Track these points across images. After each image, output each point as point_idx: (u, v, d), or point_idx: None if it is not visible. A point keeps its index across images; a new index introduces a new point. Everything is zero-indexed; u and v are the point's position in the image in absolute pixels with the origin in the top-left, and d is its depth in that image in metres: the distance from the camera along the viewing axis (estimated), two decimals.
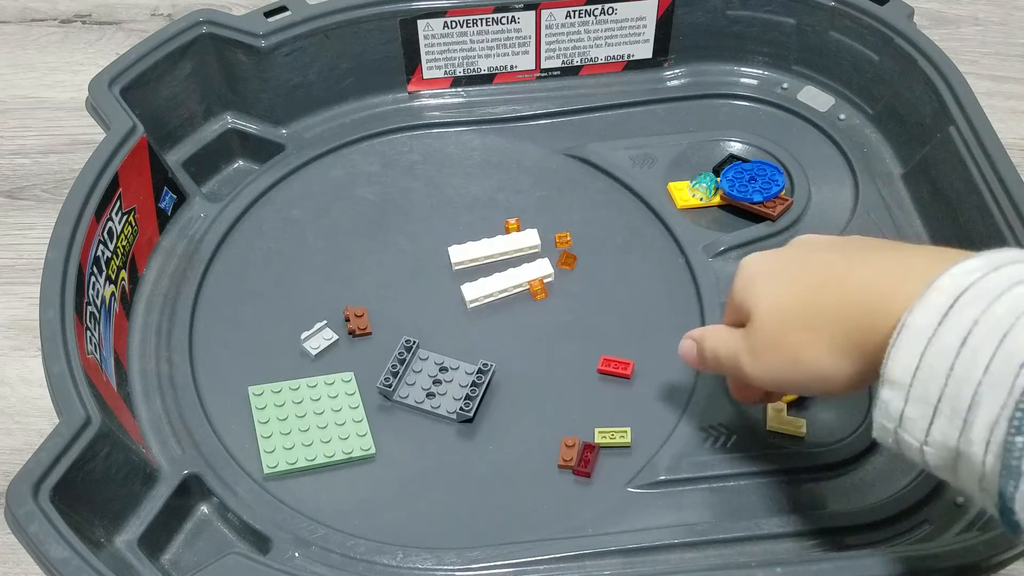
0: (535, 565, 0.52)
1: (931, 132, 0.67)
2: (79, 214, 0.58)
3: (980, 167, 0.62)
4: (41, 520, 0.46)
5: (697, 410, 0.58)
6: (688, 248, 0.66)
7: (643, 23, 0.74)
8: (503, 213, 0.68)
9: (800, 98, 0.75)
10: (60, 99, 0.90)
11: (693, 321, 0.62)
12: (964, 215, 0.63)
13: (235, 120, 0.73)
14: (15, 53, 0.95)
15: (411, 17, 0.71)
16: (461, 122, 0.74)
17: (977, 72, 0.92)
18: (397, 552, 0.52)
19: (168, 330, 0.62)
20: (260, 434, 0.57)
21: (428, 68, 0.74)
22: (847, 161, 0.71)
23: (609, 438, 0.57)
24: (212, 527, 0.55)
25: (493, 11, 0.72)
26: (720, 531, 0.53)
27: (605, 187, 0.70)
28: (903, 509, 0.54)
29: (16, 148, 0.87)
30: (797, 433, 0.57)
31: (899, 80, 0.70)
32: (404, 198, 0.70)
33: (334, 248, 0.67)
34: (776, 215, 0.67)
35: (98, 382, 0.54)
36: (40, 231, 0.80)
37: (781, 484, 0.55)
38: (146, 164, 0.65)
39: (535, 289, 0.64)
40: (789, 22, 0.73)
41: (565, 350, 0.61)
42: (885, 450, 0.57)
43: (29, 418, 0.70)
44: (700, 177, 0.69)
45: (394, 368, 0.59)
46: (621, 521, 0.54)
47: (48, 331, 0.53)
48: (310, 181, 0.71)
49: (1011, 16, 0.98)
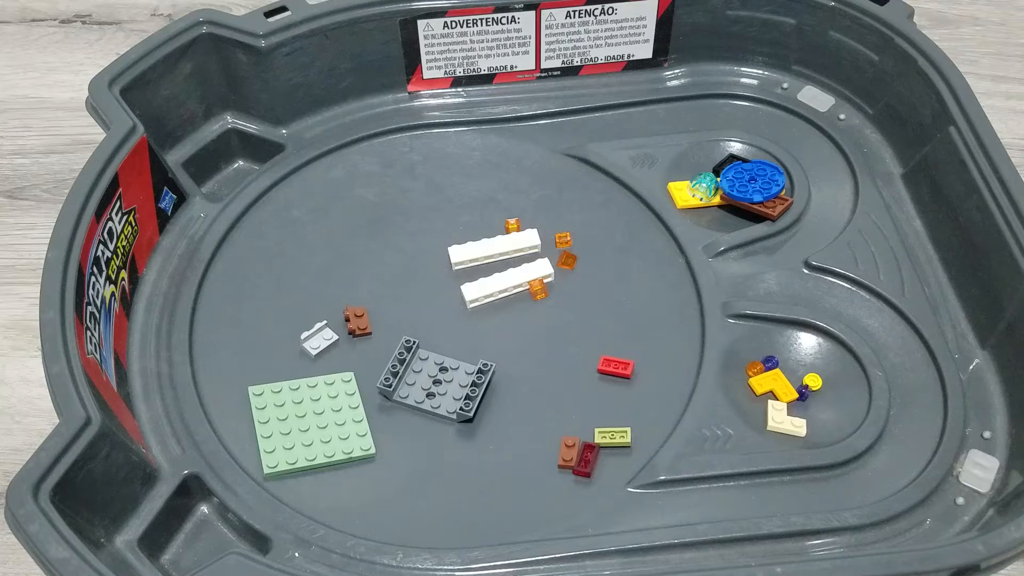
0: (535, 565, 0.52)
1: (931, 132, 0.67)
2: (79, 214, 0.58)
3: (980, 167, 0.62)
4: (41, 520, 0.46)
5: (697, 410, 0.58)
6: (688, 248, 0.66)
7: (643, 23, 0.74)
8: (503, 213, 0.68)
9: (800, 98, 0.75)
10: (60, 99, 0.90)
11: (693, 321, 0.62)
12: (964, 215, 0.63)
13: (235, 120, 0.73)
14: (15, 53, 0.95)
15: (411, 17, 0.71)
16: (461, 122, 0.74)
17: (977, 72, 0.92)
18: (397, 552, 0.52)
19: (168, 330, 0.62)
20: (260, 434, 0.57)
21: (428, 68, 0.74)
22: (847, 161, 0.71)
23: (609, 438, 0.57)
24: (212, 527, 0.55)
25: (493, 11, 0.72)
26: (720, 531, 0.53)
27: (605, 187, 0.70)
28: (903, 509, 0.54)
29: (16, 148, 0.87)
30: (797, 433, 0.57)
31: (899, 80, 0.70)
32: (404, 198, 0.70)
33: (334, 248, 0.67)
34: (776, 215, 0.67)
35: (98, 382, 0.54)
36: (40, 231, 0.80)
37: (781, 484, 0.55)
38: (146, 164, 0.65)
39: (535, 289, 0.64)
40: (789, 22, 0.73)
41: (565, 350, 0.61)
42: (885, 450, 0.57)
43: (29, 418, 0.70)
44: (700, 177, 0.69)
45: (394, 368, 0.59)
46: (621, 521, 0.54)
47: (48, 331, 0.53)
48: (310, 181, 0.71)
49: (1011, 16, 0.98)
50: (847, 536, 0.53)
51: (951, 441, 0.57)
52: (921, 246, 0.66)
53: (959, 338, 0.61)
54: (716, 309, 0.62)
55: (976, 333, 0.61)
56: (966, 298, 0.63)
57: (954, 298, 0.63)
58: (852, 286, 0.64)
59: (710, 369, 0.59)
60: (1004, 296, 0.59)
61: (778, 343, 0.61)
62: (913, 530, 0.54)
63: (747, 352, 0.61)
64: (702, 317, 0.62)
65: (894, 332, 0.62)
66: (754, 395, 0.59)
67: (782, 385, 0.59)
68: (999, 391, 0.59)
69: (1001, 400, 0.59)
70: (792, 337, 0.62)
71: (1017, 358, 0.58)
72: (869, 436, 0.57)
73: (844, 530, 0.53)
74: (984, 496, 0.55)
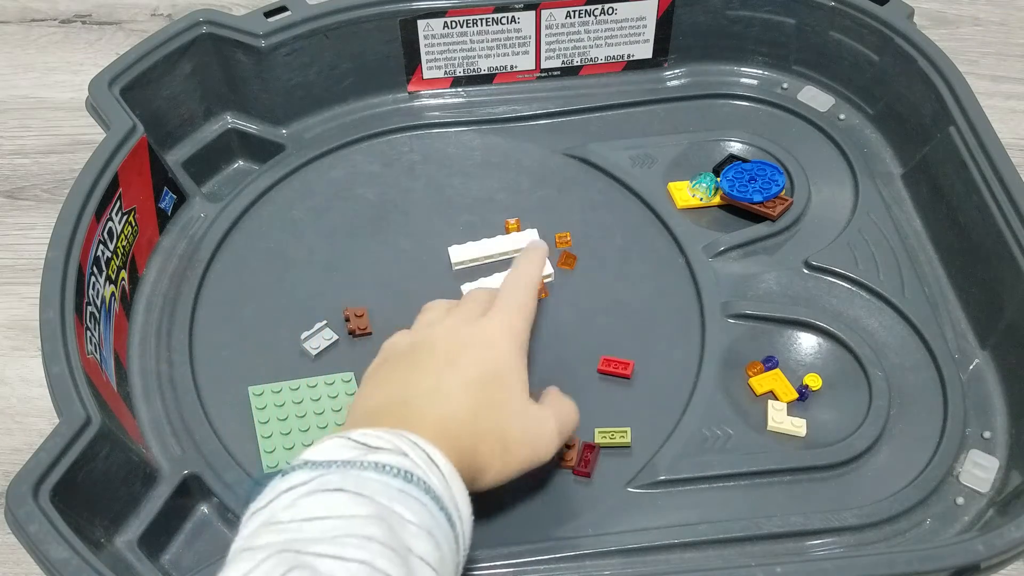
0: (535, 565, 0.52)
1: (931, 132, 0.67)
2: (79, 214, 0.58)
3: (980, 167, 0.62)
4: (41, 520, 0.46)
5: (697, 410, 0.58)
6: (688, 248, 0.66)
7: (643, 23, 0.74)
8: (503, 213, 0.68)
9: (800, 98, 0.75)
10: (60, 99, 0.91)
11: (693, 321, 0.62)
12: (964, 215, 0.63)
13: (235, 120, 0.73)
14: (15, 53, 0.95)
15: (411, 17, 0.71)
16: (461, 122, 0.74)
17: (977, 72, 0.92)
18: None
19: (168, 330, 0.62)
20: (260, 434, 0.57)
21: (428, 68, 0.74)
22: (847, 161, 0.71)
23: (609, 438, 0.57)
24: (212, 527, 0.55)
25: (493, 11, 0.72)
26: (720, 531, 0.53)
27: (605, 187, 0.70)
28: (903, 509, 0.54)
29: (16, 148, 0.87)
30: (797, 433, 0.57)
31: (899, 80, 0.70)
32: (404, 198, 0.70)
33: (334, 248, 0.67)
34: (776, 215, 0.67)
35: (98, 382, 0.54)
36: (40, 231, 0.80)
37: (781, 484, 0.55)
38: (146, 164, 0.65)
39: None
40: (789, 22, 0.73)
41: (565, 350, 0.61)
42: (885, 450, 0.57)
43: (29, 418, 0.70)
44: (700, 177, 0.69)
45: None
46: (621, 521, 0.54)
47: (48, 331, 0.53)
48: (310, 181, 0.71)
49: (1011, 16, 0.98)
50: (847, 536, 0.53)
51: (951, 441, 0.57)
52: (921, 246, 0.66)
53: (959, 338, 0.61)
54: (716, 309, 0.62)
55: (976, 333, 0.61)
56: (966, 298, 0.63)
57: (954, 298, 0.63)
58: (852, 286, 0.64)
59: (710, 369, 0.59)
60: (1004, 296, 0.59)
61: (778, 343, 0.61)
62: (913, 530, 0.54)
63: (747, 352, 0.61)
64: (702, 317, 0.62)
65: (894, 332, 0.62)
66: (754, 395, 0.59)
67: (782, 385, 0.59)
68: (999, 391, 0.59)
69: (1001, 400, 0.59)
70: (792, 337, 0.62)
71: (1017, 358, 0.58)
72: (869, 436, 0.57)
73: (844, 530, 0.53)
74: (984, 496, 0.55)
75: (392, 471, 0.42)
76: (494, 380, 0.50)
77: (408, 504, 0.42)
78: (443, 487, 0.44)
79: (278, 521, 0.40)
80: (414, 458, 0.44)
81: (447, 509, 0.43)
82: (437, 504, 0.43)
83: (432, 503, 0.43)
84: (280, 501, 0.41)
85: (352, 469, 0.42)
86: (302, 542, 0.39)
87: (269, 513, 0.41)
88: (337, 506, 0.40)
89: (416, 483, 0.43)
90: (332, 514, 0.40)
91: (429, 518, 0.42)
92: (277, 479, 0.43)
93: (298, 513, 0.40)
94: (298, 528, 0.40)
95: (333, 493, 0.41)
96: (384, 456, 0.43)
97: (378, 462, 0.43)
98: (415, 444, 0.45)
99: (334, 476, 0.42)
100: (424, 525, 0.41)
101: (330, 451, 0.44)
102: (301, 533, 0.39)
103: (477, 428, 0.48)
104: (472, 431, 0.48)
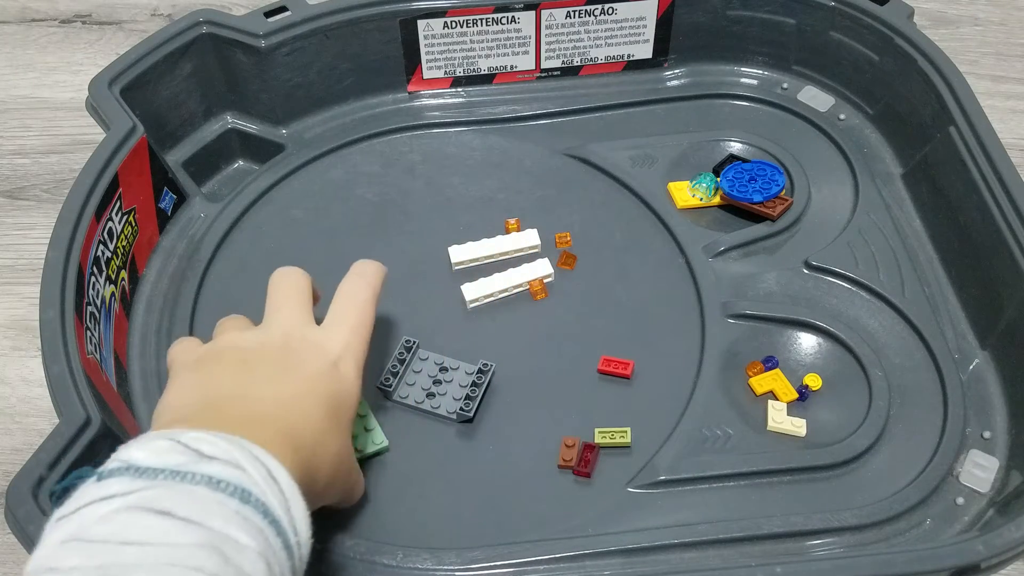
0: (535, 565, 0.52)
1: (931, 132, 0.67)
2: (79, 214, 0.58)
3: (980, 167, 0.62)
4: (41, 520, 0.46)
5: (697, 410, 0.58)
6: (688, 248, 0.66)
7: (643, 23, 0.74)
8: (503, 213, 0.68)
9: (800, 98, 0.75)
10: (60, 99, 0.91)
11: (693, 321, 0.62)
12: (964, 215, 0.63)
13: (235, 120, 0.73)
14: (15, 53, 0.95)
15: (411, 17, 0.71)
16: (461, 122, 0.74)
17: (977, 72, 0.92)
18: (397, 552, 0.52)
19: (168, 330, 0.62)
20: None
21: (428, 68, 0.74)
22: (847, 161, 0.71)
23: (609, 438, 0.57)
24: None
25: (493, 11, 0.72)
26: (720, 531, 0.53)
27: (605, 187, 0.70)
28: (903, 509, 0.54)
29: (16, 148, 0.87)
30: (797, 433, 0.57)
31: (899, 80, 0.70)
32: (404, 198, 0.70)
33: (334, 248, 0.67)
34: (776, 215, 0.67)
35: (98, 382, 0.54)
36: (40, 231, 0.80)
37: (781, 484, 0.55)
38: (146, 164, 0.65)
39: (535, 289, 0.64)
40: (789, 22, 0.73)
41: (565, 350, 0.61)
42: (885, 450, 0.57)
43: (29, 418, 0.70)
44: (700, 177, 0.69)
45: (394, 368, 0.59)
46: (621, 521, 0.54)
47: (48, 331, 0.53)
48: (310, 181, 0.71)
49: (1011, 16, 0.98)
50: (847, 536, 0.53)
51: (951, 441, 0.57)
52: (921, 246, 0.66)
53: (959, 338, 0.61)
54: (716, 309, 0.62)
55: (976, 333, 0.61)
56: (966, 298, 0.63)
57: (954, 298, 0.63)
58: (852, 286, 0.64)
59: (710, 369, 0.59)
60: (1004, 296, 0.59)
61: (778, 343, 0.61)
62: (913, 530, 0.54)
63: (747, 352, 0.61)
64: (702, 317, 0.62)
65: (894, 332, 0.62)
66: (754, 395, 0.59)
67: (782, 385, 0.59)
68: (999, 391, 0.59)
69: (1001, 400, 0.59)
70: (792, 337, 0.62)
71: (1017, 358, 0.58)
72: (869, 436, 0.57)
73: (844, 530, 0.53)
74: (984, 496, 0.55)
75: (227, 488, 0.38)
76: (338, 396, 0.48)
77: (245, 528, 0.37)
78: (282, 508, 0.40)
79: (90, 539, 0.35)
80: (252, 473, 0.39)
81: (285, 534, 0.39)
82: (275, 529, 0.39)
83: (269, 528, 0.38)
84: (92, 511, 0.36)
85: (182, 483, 0.37)
86: (118, 568, 0.34)
87: (78, 525, 0.36)
88: (161, 532, 0.36)
89: (254, 504, 0.38)
90: (155, 540, 0.35)
91: (265, 544, 0.38)
92: (90, 482, 0.38)
93: (114, 532, 0.35)
94: (114, 552, 0.35)
95: (158, 516, 0.36)
96: (218, 468, 0.38)
97: (212, 476, 0.38)
98: (255, 457, 0.40)
99: (160, 491, 0.37)
100: (262, 552, 0.37)
101: (156, 454, 0.39)
102: (117, 558, 0.34)
103: (322, 443, 0.46)
104: (315, 444, 0.45)
